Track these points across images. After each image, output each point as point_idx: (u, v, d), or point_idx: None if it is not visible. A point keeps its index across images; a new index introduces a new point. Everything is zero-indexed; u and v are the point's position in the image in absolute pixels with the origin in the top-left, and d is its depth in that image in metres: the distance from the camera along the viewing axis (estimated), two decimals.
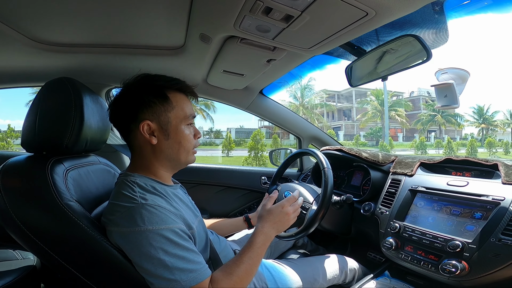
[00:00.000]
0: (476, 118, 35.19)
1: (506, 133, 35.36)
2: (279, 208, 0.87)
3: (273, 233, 0.83)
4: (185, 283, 0.62)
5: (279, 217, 0.86)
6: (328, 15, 0.68)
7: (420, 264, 0.86)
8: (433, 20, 0.73)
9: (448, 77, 0.85)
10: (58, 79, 0.76)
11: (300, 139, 1.76)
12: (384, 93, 28.39)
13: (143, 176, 0.73)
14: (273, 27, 0.77)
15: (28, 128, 0.73)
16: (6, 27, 0.89)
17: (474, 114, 34.92)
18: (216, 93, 1.48)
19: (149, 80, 0.75)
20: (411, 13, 0.65)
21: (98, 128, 0.83)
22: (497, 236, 0.74)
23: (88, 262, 0.66)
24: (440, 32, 0.78)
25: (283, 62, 1.06)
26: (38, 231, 0.64)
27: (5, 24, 0.88)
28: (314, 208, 0.96)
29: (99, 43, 1.07)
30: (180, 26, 0.91)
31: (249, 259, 0.74)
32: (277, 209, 0.87)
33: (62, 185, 0.67)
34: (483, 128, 34.85)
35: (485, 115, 34.55)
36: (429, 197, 0.96)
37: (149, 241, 0.62)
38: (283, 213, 0.86)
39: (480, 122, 34.68)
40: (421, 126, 31.81)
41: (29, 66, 1.21)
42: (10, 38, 0.95)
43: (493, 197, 0.81)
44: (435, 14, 0.71)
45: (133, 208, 0.64)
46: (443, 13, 0.70)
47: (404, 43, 0.77)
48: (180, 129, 0.74)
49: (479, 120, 34.95)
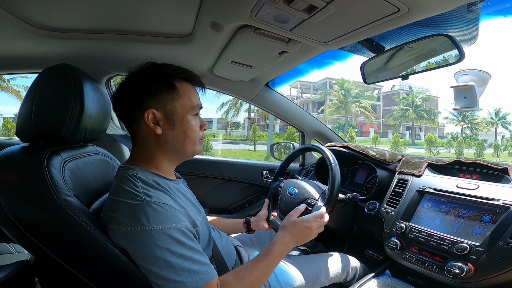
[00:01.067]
0: (455, 116, 33.44)
1: (490, 133, 34.36)
2: (304, 222, 0.86)
3: (292, 245, 0.83)
4: (191, 284, 0.60)
5: (302, 231, 0.85)
6: (356, 8, 0.64)
7: (425, 265, 0.86)
8: (464, 18, 0.70)
9: (468, 78, 0.84)
10: (58, 65, 0.71)
11: (304, 134, 1.74)
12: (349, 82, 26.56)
13: (145, 170, 0.70)
14: (293, 17, 0.73)
15: (23, 117, 0.68)
16: (4, 12, 0.85)
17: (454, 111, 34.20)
18: (221, 84, 1.43)
19: (156, 68, 0.72)
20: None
21: (98, 117, 0.79)
22: (505, 240, 0.74)
23: (87, 261, 0.63)
24: (470, 32, 0.75)
25: (295, 55, 1.02)
26: (33, 229, 0.60)
27: (3, 9, 0.84)
28: (320, 204, 0.95)
29: (101, 29, 1.02)
30: (190, 12, 0.86)
31: (264, 267, 0.74)
32: (301, 223, 0.86)
33: (59, 178, 0.63)
34: (462, 127, 33.81)
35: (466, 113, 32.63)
36: (437, 199, 0.96)
37: (154, 241, 0.59)
38: (306, 227, 0.85)
39: (459, 120, 33.27)
40: (394, 122, 30.22)
41: (28, 52, 1.17)
42: (8, 23, 0.91)
43: (503, 202, 0.81)
44: (468, 13, 0.68)
45: (137, 205, 0.61)
46: (478, 13, 0.67)
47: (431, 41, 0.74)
48: (186, 119, 0.72)
49: (458, 118, 33.34)
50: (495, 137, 33.20)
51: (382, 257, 1.17)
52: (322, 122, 1.74)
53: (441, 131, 38.07)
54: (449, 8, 0.61)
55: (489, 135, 34.64)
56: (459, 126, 34.10)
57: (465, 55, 0.69)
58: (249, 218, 1.10)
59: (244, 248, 1.04)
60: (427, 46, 0.77)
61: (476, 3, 0.65)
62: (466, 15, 0.69)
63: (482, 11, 0.67)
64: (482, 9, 0.67)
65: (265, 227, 1.07)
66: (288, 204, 1.05)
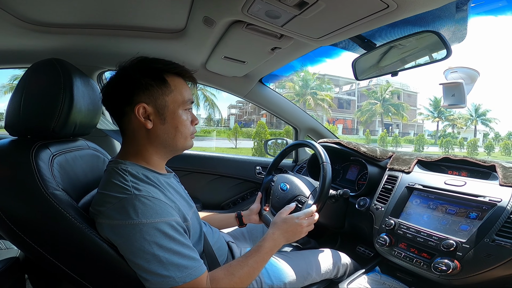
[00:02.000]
0: (431, 111, 30.73)
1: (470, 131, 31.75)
2: (294, 218, 0.86)
3: (283, 242, 0.83)
4: (179, 279, 0.60)
5: (292, 228, 0.85)
6: (346, 4, 0.65)
7: (413, 261, 0.87)
8: (453, 16, 0.71)
9: (457, 76, 0.85)
10: (47, 60, 0.71)
11: (297, 130, 1.74)
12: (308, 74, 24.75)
13: (135, 164, 0.70)
14: (284, 13, 0.73)
15: (12, 110, 0.68)
16: None
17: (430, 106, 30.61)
18: (214, 79, 1.43)
19: (147, 63, 0.71)
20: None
21: (88, 112, 0.78)
22: (491, 236, 0.75)
23: (76, 256, 0.63)
24: (459, 30, 0.75)
25: (288, 51, 1.02)
26: (20, 223, 0.59)
27: None
28: (310, 202, 0.95)
29: (93, 24, 1.00)
30: (183, 7, 0.86)
31: (254, 263, 0.74)
32: (292, 220, 0.86)
33: (47, 172, 0.63)
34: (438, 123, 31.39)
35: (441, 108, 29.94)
36: (426, 195, 0.97)
37: (142, 235, 0.59)
38: (296, 225, 0.86)
39: (435, 116, 30.66)
40: (363, 117, 28.04)
41: (19, 46, 1.15)
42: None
43: (490, 198, 0.82)
44: (457, 11, 0.68)
45: (125, 199, 0.61)
46: (466, 11, 0.68)
47: (420, 38, 0.74)
48: (177, 113, 0.71)
49: (434, 114, 30.63)
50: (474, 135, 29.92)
51: (373, 253, 1.18)
52: (316, 119, 1.75)
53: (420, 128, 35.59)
54: (437, 5, 0.61)
55: (468, 133, 32.25)
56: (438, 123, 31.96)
57: (452, 52, 0.70)
58: (241, 212, 1.11)
59: (236, 244, 1.05)
60: (417, 44, 0.78)
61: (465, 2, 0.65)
62: (455, 13, 0.69)
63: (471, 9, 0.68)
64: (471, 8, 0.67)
65: (257, 221, 1.08)
66: (279, 200, 1.05)
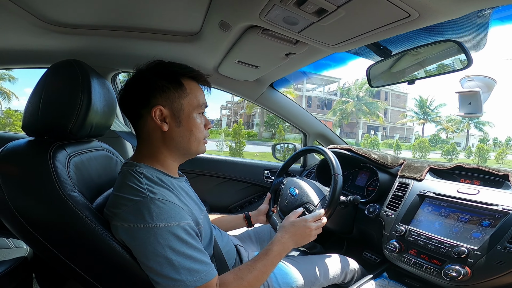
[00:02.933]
0: (416, 113, 28.41)
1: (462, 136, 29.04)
2: (303, 222, 0.87)
3: (291, 245, 0.83)
4: (191, 283, 0.61)
5: (300, 231, 0.85)
6: (366, 12, 0.65)
7: (423, 268, 0.87)
8: (474, 24, 0.70)
9: (474, 84, 0.84)
10: (66, 61, 0.71)
11: (306, 135, 1.74)
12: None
13: (149, 167, 0.70)
14: (302, 20, 0.73)
15: (30, 111, 0.68)
16: (15, 6, 0.85)
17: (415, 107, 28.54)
18: (225, 83, 1.44)
19: (163, 66, 0.73)
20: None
21: (104, 113, 0.79)
22: (503, 244, 0.75)
23: (89, 257, 0.63)
24: (478, 38, 0.75)
25: (301, 57, 1.02)
26: (36, 223, 0.60)
27: (14, 3, 0.84)
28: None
29: (109, 25, 1.02)
30: (199, 11, 0.87)
31: (263, 267, 0.74)
32: (300, 223, 0.86)
33: (64, 173, 0.63)
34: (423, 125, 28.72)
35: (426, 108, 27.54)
36: (438, 203, 0.97)
37: (156, 239, 0.59)
38: (305, 228, 0.86)
39: (420, 117, 28.44)
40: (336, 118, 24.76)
41: (37, 46, 1.17)
42: (20, 18, 0.91)
43: (503, 207, 0.82)
44: (478, 19, 0.68)
45: (140, 202, 0.61)
46: (488, 18, 0.68)
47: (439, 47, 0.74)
48: (192, 117, 0.72)
49: (419, 115, 28.30)
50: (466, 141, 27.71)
51: (379, 259, 1.18)
52: (325, 125, 1.75)
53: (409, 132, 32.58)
54: (460, 14, 0.61)
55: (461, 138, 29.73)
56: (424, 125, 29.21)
57: (473, 61, 0.70)
58: (249, 213, 1.11)
59: (244, 247, 1.05)
60: (434, 51, 0.78)
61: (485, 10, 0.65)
62: (476, 21, 0.69)
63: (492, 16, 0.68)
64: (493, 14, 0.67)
65: (264, 221, 1.08)
66: (287, 205, 1.05)
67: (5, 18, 0.93)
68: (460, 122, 28.93)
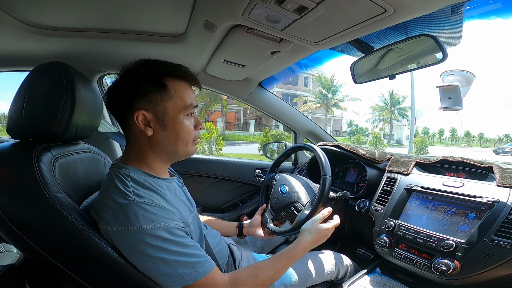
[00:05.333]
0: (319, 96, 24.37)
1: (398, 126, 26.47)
2: (326, 230, 0.90)
3: (309, 249, 0.87)
4: (190, 277, 0.61)
5: (322, 236, 0.89)
6: (345, 9, 0.66)
7: (413, 262, 0.88)
8: (449, 20, 0.72)
9: (454, 78, 0.86)
10: (49, 63, 0.71)
11: (296, 133, 1.75)
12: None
13: (137, 169, 0.70)
14: (284, 18, 0.74)
15: (14, 113, 0.68)
16: None
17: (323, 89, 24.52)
18: (214, 83, 1.44)
19: (147, 66, 0.70)
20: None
21: (89, 115, 0.79)
22: (490, 237, 0.76)
23: (77, 257, 0.62)
24: (454, 33, 0.77)
25: (287, 55, 1.03)
26: (23, 225, 0.59)
27: None
28: (305, 212, 0.95)
29: (94, 28, 1.01)
30: (184, 12, 0.87)
31: (282, 269, 0.77)
32: (324, 231, 0.89)
33: (49, 175, 0.63)
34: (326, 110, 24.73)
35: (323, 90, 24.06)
36: (424, 197, 0.98)
37: (145, 241, 0.59)
38: (325, 235, 0.90)
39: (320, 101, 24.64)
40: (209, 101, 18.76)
41: (21, 50, 1.15)
42: (2, 21, 0.90)
43: (487, 199, 0.83)
44: (452, 15, 0.70)
45: (126, 205, 0.61)
46: (461, 14, 0.70)
47: (416, 42, 0.76)
48: (178, 120, 0.70)
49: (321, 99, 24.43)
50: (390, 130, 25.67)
51: (373, 255, 1.19)
52: (315, 122, 1.76)
53: (337, 124, 28.41)
54: (433, 9, 0.62)
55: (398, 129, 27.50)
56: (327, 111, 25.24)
57: (448, 55, 0.71)
58: (242, 223, 1.11)
59: (237, 246, 1.05)
60: (414, 47, 0.79)
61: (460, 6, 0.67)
62: (451, 17, 0.71)
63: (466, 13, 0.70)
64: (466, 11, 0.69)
65: (255, 234, 1.07)
66: (278, 202, 1.06)
67: None
68: (382, 108, 26.14)
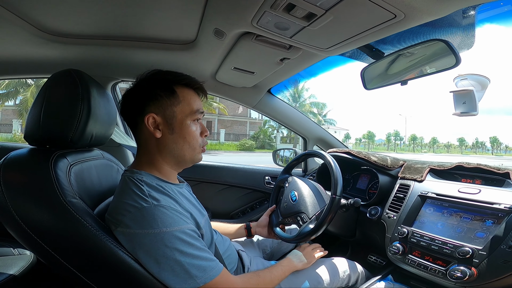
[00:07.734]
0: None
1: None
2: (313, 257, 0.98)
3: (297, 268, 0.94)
4: (201, 280, 0.63)
5: (308, 259, 0.97)
6: (354, 15, 0.66)
7: (427, 269, 0.86)
8: (460, 25, 0.72)
9: (468, 83, 0.84)
10: (66, 70, 0.74)
11: (306, 140, 1.75)
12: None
13: (149, 174, 0.72)
14: (293, 25, 0.75)
15: (32, 120, 0.70)
16: (14, 17, 0.88)
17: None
18: (223, 90, 1.46)
19: (159, 75, 0.76)
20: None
21: (104, 122, 0.81)
22: (507, 243, 0.74)
23: (91, 261, 0.64)
24: (467, 38, 0.76)
25: (296, 62, 1.04)
26: (38, 229, 0.61)
27: (13, 13, 0.86)
28: (310, 226, 0.95)
29: (107, 35, 1.04)
30: (194, 20, 0.89)
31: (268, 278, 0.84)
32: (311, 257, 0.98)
33: (65, 181, 0.65)
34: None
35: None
36: (439, 204, 0.96)
37: (164, 243, 0.61)
38: (312, 258, 0.98)
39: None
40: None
41: (37, 56, 1.20)
42: (19, 28, 0.94)
43: (505, 205, 0.81)
44: (463, 19, 0.69)
45: (144, 209, 0.63)
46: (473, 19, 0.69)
47: (428, 46, 0.75)
48: (185, 124, 0.74)
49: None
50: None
51: (385, 262, 1.17)
52: (325, 129, 1.75)
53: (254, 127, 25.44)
54: (443, 14, 0.62)
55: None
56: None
57: (461, 60, 0.70)
58: (250, 223, 1.13)
59: (246, 253, 1.05)
60: (426, 52, 0.79)
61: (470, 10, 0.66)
62: (462, 21, 0.70)
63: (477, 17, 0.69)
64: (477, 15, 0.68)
65: (262, 234, 1.11)
66: (286, 208, 1.06)
67: (4, 28, 0.96)
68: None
